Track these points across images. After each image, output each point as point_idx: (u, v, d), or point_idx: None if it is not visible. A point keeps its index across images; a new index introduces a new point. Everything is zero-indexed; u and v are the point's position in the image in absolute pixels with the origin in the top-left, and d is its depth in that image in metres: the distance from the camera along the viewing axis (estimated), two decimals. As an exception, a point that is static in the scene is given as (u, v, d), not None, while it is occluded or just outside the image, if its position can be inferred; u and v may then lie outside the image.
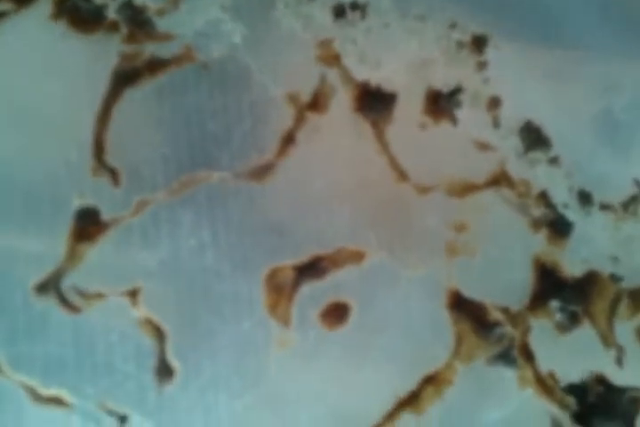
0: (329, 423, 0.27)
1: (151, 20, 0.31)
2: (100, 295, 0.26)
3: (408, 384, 0.28)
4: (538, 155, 0.33)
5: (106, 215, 0.26)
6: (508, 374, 0.29)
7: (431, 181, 0.30)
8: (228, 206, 0.27)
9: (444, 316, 0.29)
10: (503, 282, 0.31)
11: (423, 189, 0.30)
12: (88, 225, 0.26)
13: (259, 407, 0.26)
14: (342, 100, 0.30)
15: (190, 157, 0.28)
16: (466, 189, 0.31)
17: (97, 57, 0.30)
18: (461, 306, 0.30)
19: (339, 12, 0.32)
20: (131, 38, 0.31)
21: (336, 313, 0.28)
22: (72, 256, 0.26)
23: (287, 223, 0.28)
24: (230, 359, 0.26)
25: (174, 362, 0.26)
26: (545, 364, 0.30)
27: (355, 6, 0.33)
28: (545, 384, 0.29)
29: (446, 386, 0.28)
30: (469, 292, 0.30)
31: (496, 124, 0.32)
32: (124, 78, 0.30)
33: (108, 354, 0.25)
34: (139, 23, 0.31)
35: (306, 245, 0.28)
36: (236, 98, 0.29)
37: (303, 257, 0.28)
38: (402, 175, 0.30)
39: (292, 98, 0.30)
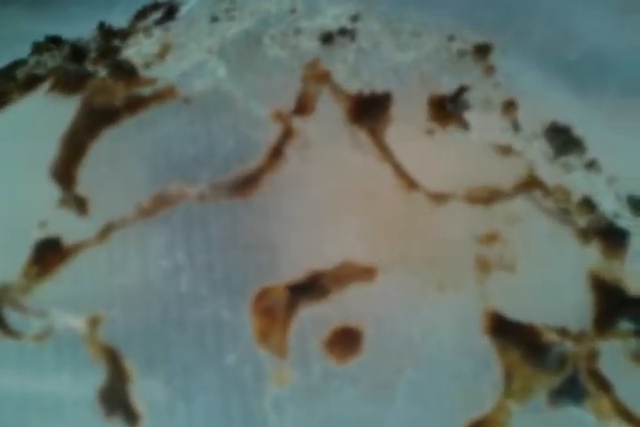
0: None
1: (137, 70, 0.30)
2: (49, 322, 0.22)
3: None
4: (572, 159, 0.28)
5: (68, 242, 0.23)
6: (577, 413, 0.22)
7: (447, 188, 0.26)
8: (207, 224, 0.23)
9: (485, 344, 0.23)
10: (555, 301, 0.25)
11: (439, 198, 0.26)
12: (48, 254, 0.23)
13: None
14: (334, 113, 0.27)
15: (167, 178, 0.25)
16: (491, 197, 0.26)
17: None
18: (505, 330, 0.24)
19: (326, 39, 0.30)
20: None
21: (345, 341, 0.22)
22: (24, 287, 0.22)
23: (278, 239, 0.23)
24: (213, 401, 0.21)
25: (140, 406, 0.21)
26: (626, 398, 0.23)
27: (343, 32, 0.31)
28: (631, 416, 0.22)
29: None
30: (513, 313, 0.24)
31: (516, 127, 0.28)
32: (102, 117, 0.28)
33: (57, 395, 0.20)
34: (124, 73, 0.30)
35: (302, 262, 0.23)
36: (218, 123, 0.27)
37: (299, 274, 0.23)
38: (411, 184, 0.26)
39: (278, 115, 0.27)
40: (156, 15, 0.36)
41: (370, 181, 0.26)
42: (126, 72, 0.30)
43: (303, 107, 0.26)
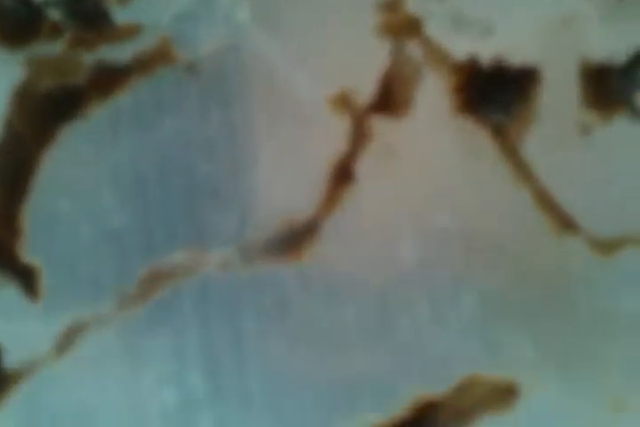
0: None
1: (108, 13, 0.19)
2: None
3: None
4: None
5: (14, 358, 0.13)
6: None
7: (620, 229, 0.16)
8: (236, 316, 0.13)
9: None
10: None
11: (613, 246, 0.16)
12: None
13: None
14: (432, 95, 0.16)
15: (164, 235, 0.14)
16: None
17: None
18: None
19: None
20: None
21: None
22: None
23: (357, 336, 0.14)
24: None
25: None
26: None
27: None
28: None
29: None
30: None
31: None
32: (54, 106, 0.17)
33: None
34: (88, 18, 0.19)
35: (403, 380, 0.13)
36: (243, 114, 0.16)
37: (400, 403, 0.13)
38: (566, 223, 0.16)
39: (344, 100, 0.16)
40: None
41: (496, 217, 0.16)
42: (92, 16, 0.19)
43: (389, 101, 0.15)
